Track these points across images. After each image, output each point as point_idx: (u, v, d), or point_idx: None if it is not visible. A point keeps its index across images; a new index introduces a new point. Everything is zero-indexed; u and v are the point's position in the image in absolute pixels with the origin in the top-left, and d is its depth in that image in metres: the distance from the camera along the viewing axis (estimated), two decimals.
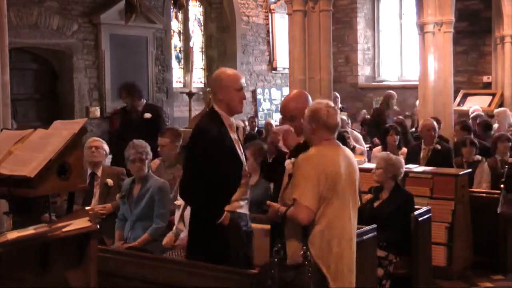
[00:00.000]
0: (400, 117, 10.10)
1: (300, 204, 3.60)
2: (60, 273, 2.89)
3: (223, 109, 4.10)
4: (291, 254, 3.71)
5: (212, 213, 4.04)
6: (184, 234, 4.76)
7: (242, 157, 4.18)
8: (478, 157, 7.44)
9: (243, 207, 4.20)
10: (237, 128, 4.37)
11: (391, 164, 5.60)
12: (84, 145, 5.77)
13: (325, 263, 3.64)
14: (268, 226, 4.34)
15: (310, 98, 4.32)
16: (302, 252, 3.64)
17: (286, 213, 3.71)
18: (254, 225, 4.44)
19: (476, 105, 11.68)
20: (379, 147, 8.09)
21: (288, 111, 4.16)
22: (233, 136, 4.15)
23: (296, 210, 3.63)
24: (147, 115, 7.57)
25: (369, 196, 5.77)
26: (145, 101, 7.91)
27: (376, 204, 5.62)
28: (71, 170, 2.90)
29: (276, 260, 3.64)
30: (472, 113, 10.66)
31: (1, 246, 2.58)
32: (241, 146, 4.24)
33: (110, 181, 5.69)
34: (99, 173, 5.78)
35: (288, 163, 3.83)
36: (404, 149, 7.90)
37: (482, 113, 10.74)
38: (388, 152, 6.27)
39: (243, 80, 4.18)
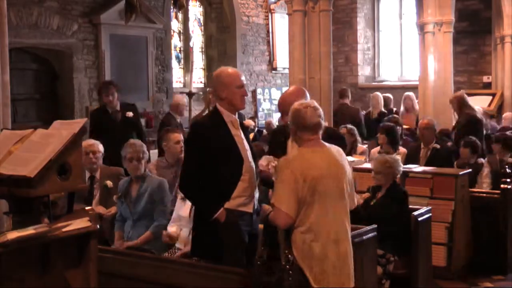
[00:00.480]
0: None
1: (278, 209, 3.62)
2: (60, 273, 2.88)
3: (225, 106, 4.22)
4: (282, 257, 3.71)
5: (207, 208, 4.11)
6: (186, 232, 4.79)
7: (245, 154, 4.20)
8: (482, 160, 7.43)
9: (246, 206, 4.18)
10: (247, 127, 4.43)
11: (389, 167, 5.61)
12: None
13: (308, 265, 3.62)
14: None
15: (308, 94, 4.33)
16: (284, 255, 3.64)
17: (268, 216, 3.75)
18: None
19: (476, 105, 11.66)
20: (378, 148, 8.07)
21: (287, 105, 4.15)
22: (235, 132, 4.21)
23: (274, 215, 3.66)
24: (130, 114, 7.48)
25: (366, 195, 5.77)
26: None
27: (372, 203, 5.64)
28: (71, 170, 2.90)
29: (259, 263, 3.64)
30: None
31: (1, 246, 2.58)
32: (246, 144, 4.27)
33: (109, 183, 5.67)
34: (97, 175, 5.76)
35: (271, 167, 3.87)
36: (403, 149, 7.88)
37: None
38: (384, 154, 6.26)
39: (243, 78, 4.30)
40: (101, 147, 5.88)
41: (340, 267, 3.70)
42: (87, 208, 3.00)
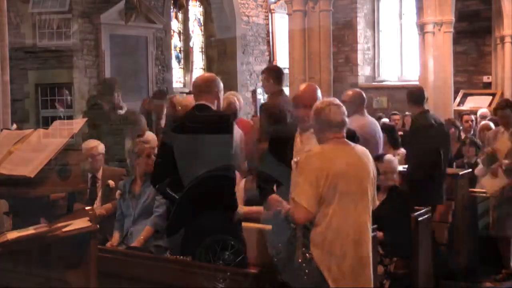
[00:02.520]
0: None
1: (297, 204, 3.60)
2: (60, 273, 2.89)
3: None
4: (297, 255, 3.70)
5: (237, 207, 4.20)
6: None
7: None
8: None
9: None
10: None
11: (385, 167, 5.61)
12: (82, 146, 5.66)
13: (327, 265, 3.60)
14: (263, 226, 4.35)
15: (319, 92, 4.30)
16: (301, 252, 3.63)
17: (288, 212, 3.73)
18: (250, 225, 4.46)
19: (476, 105, 11.65)
20: None
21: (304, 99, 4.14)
22: None
23: (293, 209, 3.64)
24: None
25: None
26: None
27: None
28: (71, 170, 2.90)
29: (276, 260, 3.64)
30: (480, 114, 10.44)
31: (1, 246, 2.58)
32: None
33: (111, 183, 5.64)
34: (99, 175, 5.72)
35: (293, 162, 3.85)
36: (402, 150, 7.84)
37: (489, 114, 10.70)
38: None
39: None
40: (101, 148, 5.85)
41: (359, 270, 3.66)
42: (87, 208, 3.00)
